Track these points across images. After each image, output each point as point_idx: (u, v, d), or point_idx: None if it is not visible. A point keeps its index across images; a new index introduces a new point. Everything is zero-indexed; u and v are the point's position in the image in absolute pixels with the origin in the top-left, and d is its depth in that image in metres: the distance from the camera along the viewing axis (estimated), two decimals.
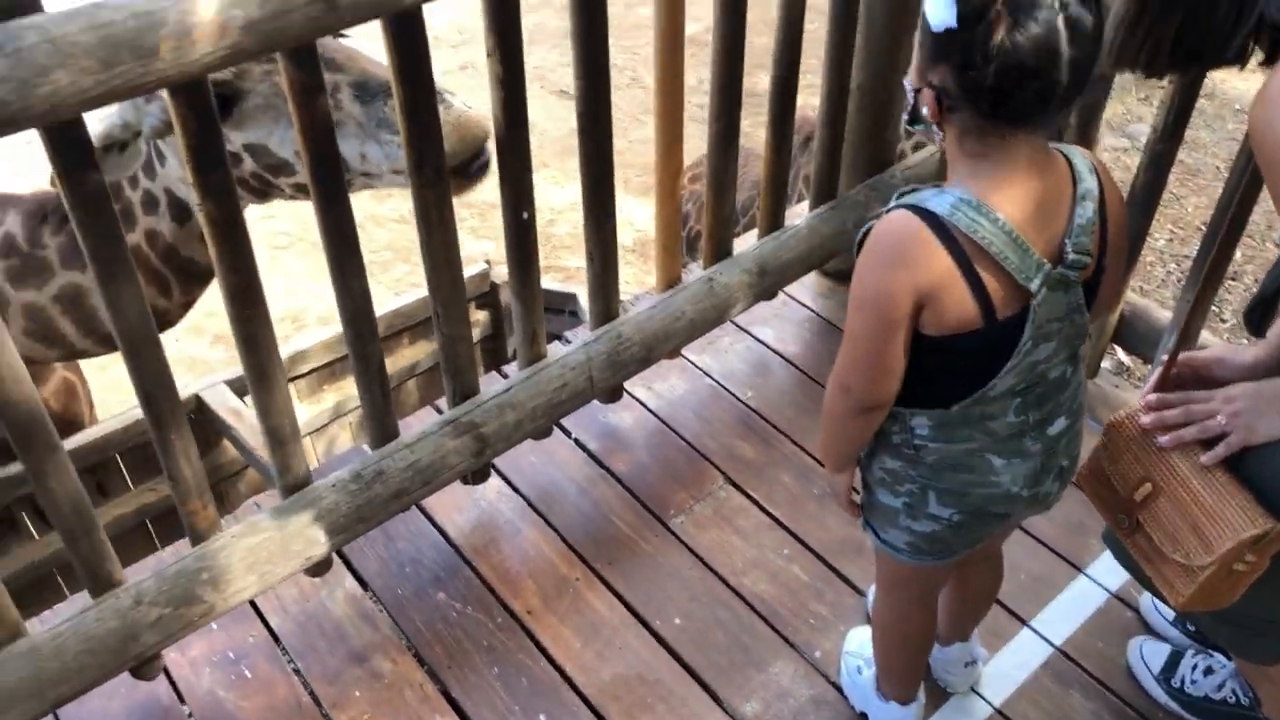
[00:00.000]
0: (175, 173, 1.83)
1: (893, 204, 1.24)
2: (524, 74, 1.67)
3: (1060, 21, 1.06)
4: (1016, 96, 1.11)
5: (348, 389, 3.09)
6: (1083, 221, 1.22)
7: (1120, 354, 3.03)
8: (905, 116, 1.24)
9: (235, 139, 1.69)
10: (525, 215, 1.80)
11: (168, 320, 2.13)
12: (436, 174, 1.62)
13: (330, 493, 1.72)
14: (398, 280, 4.47)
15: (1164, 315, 2.25)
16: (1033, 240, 1.18)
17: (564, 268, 4.50)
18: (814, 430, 2.26)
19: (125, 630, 1.53)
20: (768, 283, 2.27)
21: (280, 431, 1.67)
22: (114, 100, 1.22)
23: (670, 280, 2.19)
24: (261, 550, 1.64)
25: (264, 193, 1.81)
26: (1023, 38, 1.06)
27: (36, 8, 1.16)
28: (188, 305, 2.12)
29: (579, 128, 1.83)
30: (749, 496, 2.14)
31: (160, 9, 1.19)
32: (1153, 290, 3.66)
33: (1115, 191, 1.28)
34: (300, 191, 1.79)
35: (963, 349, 1.23)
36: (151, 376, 1.46)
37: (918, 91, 1.19)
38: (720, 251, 2.23)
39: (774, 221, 2.33)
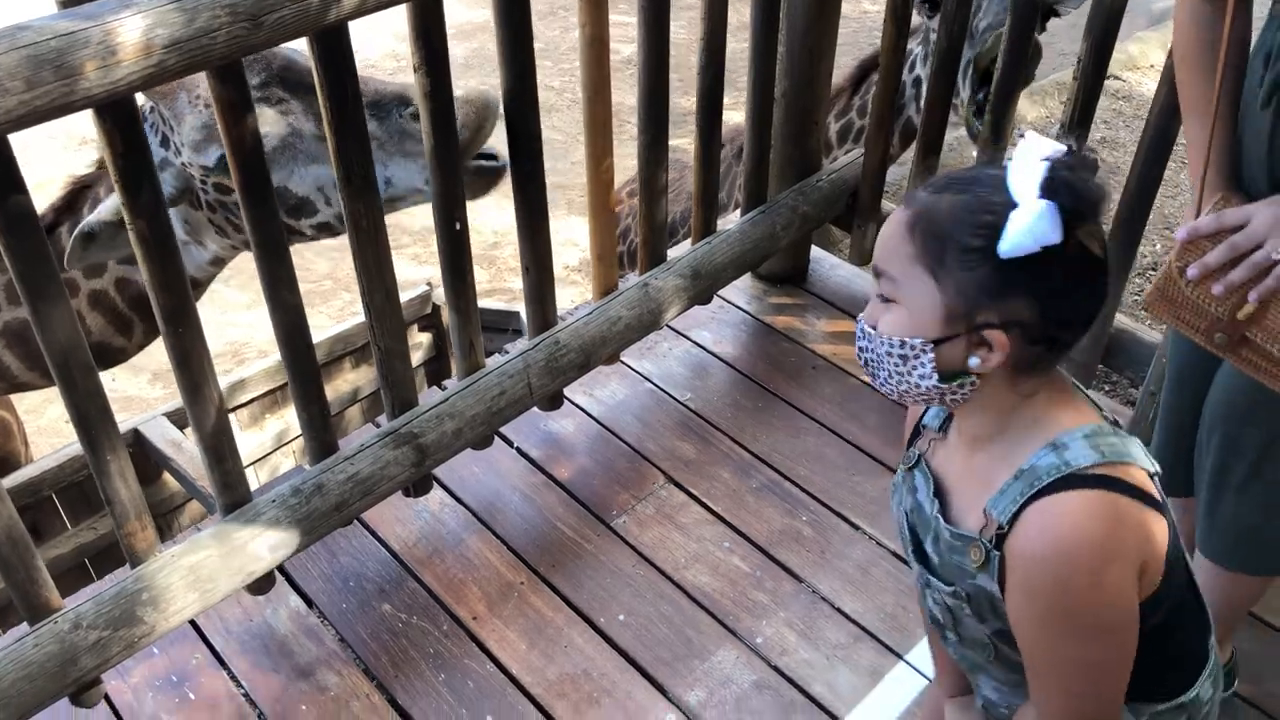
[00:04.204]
0: None
1: (1048, 479, 0.97)
2: (451, 86, 1.71)
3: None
4: (1099, 307, 0.97)
5: (290, 417, 3.08)
6: None
7: None
8: (929, 378, 0.98)
9: None
10: (458, 225, 1.83)
11: (121, 357, 2.13)
12: (364, 183, 1.64)
13: (270, 508, 1.72)
14: (340, 310, 4.46)
15: None
16: None
17: (510, 290, 4.52)
18: (751, 427, 2.33)
19: (63, 654, 1.52)
20: (701, 286, 2.32)
21: (218, 450, 1.67)
22: (39, 120, 1.23)
23: (607, 288, 2.23)
24: (202, 568, 1.64)
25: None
26: (1098, 235, 0.94)
27: None
28: (144, 345, 2.12)
29: (508, 143, 1.87)
30: (689, 494, 2.18)
31: (83, 29, 1.21)
32: None
33: None
34: (322, 231, 1.81)
35: (1172, 587, 1.04)
36: (85, 398, 1.46)
37: (938, 344, 0.96)
38: (655, 258, 2.28)
39: (706, 228, 2.37)
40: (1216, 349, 1.35)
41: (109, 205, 1.71)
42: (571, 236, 4.76)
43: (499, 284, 4.57)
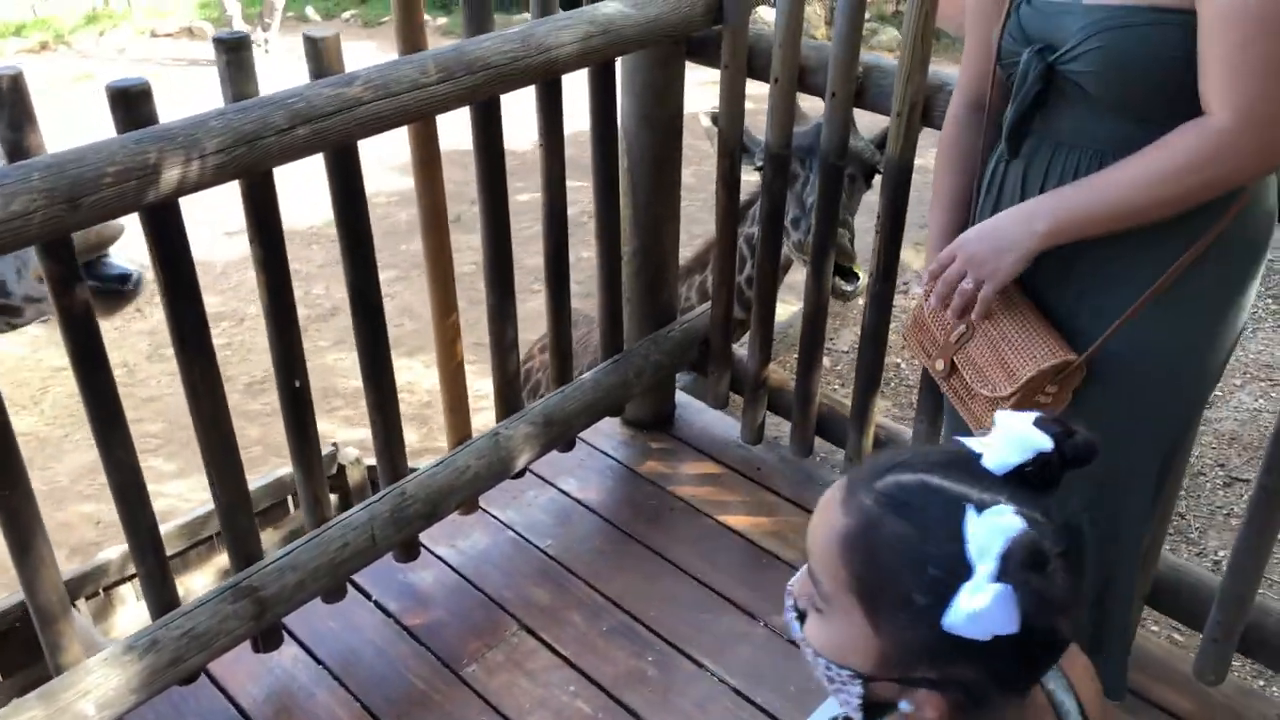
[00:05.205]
0: None
1: None
2: (286, 255, 1.84)
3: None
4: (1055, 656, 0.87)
5: (190, 582, 3.10)
6: None
7: None
8: (853, 707, 0.89)
9: None
10: (298, 384, 1.93)
11: None
12: (199, 347, 1.75)
13: (100, 666, 1.74)
14: None
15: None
16: None
17: (441, 449, 4.60)
18: (607, 571, 2.39)
19: None
20: (555, 433, 2.42)
21: (49, 609, 1.71)
22: None
23: (460, 437, 2.32)
24: None
25: None
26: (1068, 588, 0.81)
27: None
28: None
29: (350, 299, 1.99)
30: (540, 639, 2.22)
31: None
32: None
33: (1092, 688, 1.04)
34: (12, 315, 1.84)
35: None
36: None
37: (868, 681, 0.86)
38: (510, 408, 2.38)
39: (562, 377, 2.50)
40: (938, 376, 1.62)
41: None
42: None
43: (430, 443, 4.64)
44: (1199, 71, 1.36)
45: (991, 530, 0.79)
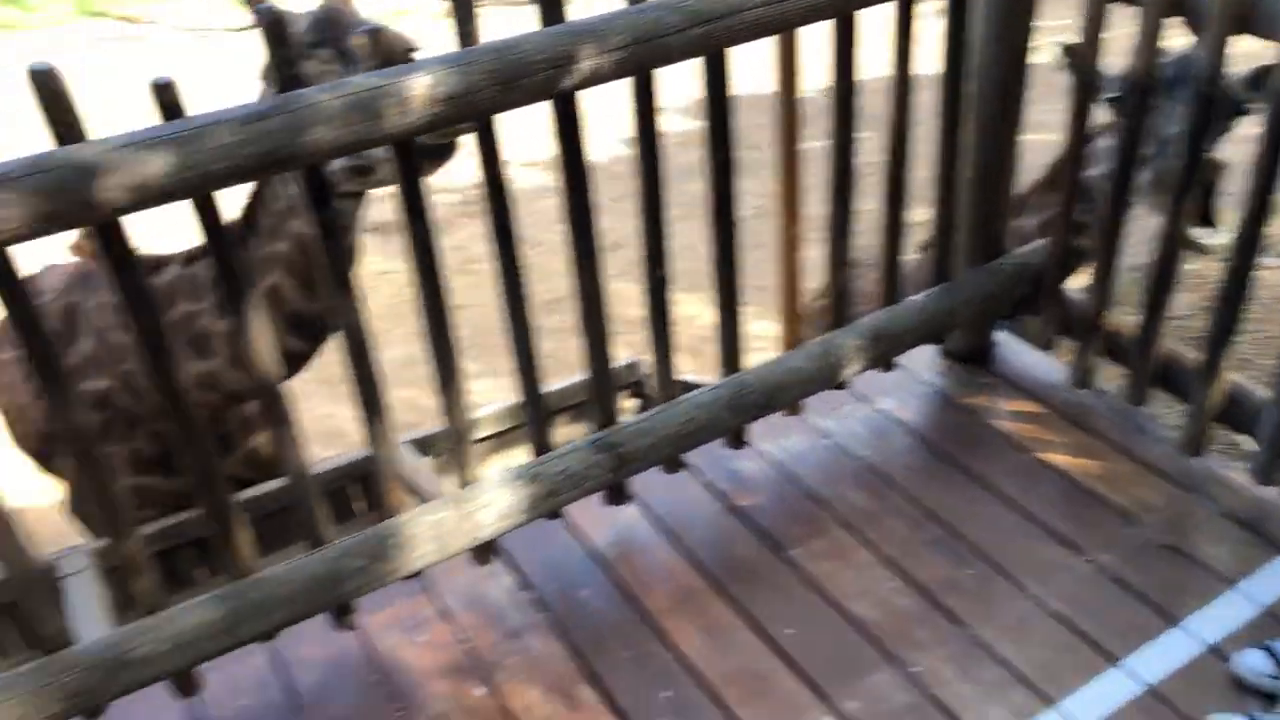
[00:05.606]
0: None
1: None
2: (657, 151, 2.08)
3: None
4: None
5: (512, 460, 3.47)
6: None
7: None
8: None
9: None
10: (660, 273, 2.19)
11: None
12: (583, 225, 2.03)
13: (494, 487, 2.08)
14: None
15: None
16: None
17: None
18: (926, 487, 2.50)
19: (332, 575, 1.92)
20: (880, 349, 2.54)
21: (460, 430, 2.07)
22: (352, 150, 1.68)
23: (793, 342, 2.51)
24: (441, 525, 2.02)
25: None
26: None
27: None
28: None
29: (712, 194, 2.21)
30: (862, 537, 2.36)
31: (386, 84, 1.65)
32: None
33: None
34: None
35: None
36: (365, 379, 1.90)
37: None
38: (839, 321, 2.54)
39: (890, 297, 2.62)
40: None
41: None
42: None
43: (704, 375, 4.86)
44: None
45: None
